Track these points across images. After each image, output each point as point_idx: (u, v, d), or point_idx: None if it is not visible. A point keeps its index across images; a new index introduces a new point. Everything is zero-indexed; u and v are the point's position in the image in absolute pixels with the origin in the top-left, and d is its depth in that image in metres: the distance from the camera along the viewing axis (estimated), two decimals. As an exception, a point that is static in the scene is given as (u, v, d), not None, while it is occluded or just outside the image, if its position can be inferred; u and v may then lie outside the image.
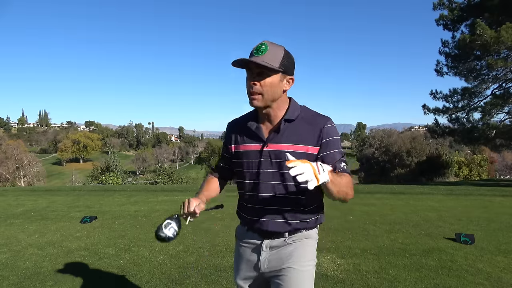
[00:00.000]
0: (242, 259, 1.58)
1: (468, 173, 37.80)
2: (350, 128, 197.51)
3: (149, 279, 3.25)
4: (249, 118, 1.53)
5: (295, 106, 1.48)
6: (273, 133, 1.45)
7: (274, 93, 1.39)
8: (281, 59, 1.36)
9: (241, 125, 1.54)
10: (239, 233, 1.62)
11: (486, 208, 7.04)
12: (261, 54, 1.34)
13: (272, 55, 1.35)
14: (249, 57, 1.36)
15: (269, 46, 1.35)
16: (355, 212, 6.32)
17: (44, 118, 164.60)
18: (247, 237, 1.55)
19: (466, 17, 17.31)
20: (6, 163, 42.58)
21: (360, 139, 64.14)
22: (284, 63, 1.37)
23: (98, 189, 11.96)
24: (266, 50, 1.34)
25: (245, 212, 1.55)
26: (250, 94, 1.39)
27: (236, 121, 1.61)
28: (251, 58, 1.34)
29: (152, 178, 49.11)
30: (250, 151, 1.48)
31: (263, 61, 1.32)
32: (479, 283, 3.09)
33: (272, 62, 1.34)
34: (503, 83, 16.97)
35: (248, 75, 1.40)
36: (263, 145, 1.45)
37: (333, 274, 3.32)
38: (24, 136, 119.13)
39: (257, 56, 1.34)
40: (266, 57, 1.33)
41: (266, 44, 1.36)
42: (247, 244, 1.56)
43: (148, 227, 5.37)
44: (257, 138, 1.47)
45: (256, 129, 1.48)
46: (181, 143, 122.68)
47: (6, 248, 4.33)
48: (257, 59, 1.33)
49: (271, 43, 1.37)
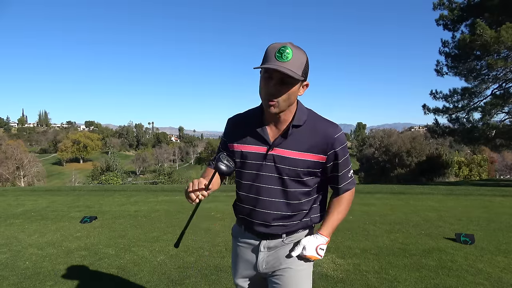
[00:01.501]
0: (240, 258, 1.57)
1: (468, 173, 37.79)
2: (350, 128, 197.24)
3: (149, 279, 3.25)
4: (253, 116, 1.47)
5: (302, 110, 1.42)
6: (280, 137, 1.40)
7: (291, 100, 1.34)
8: (304, 66, 1.30)
9: (244, 123, 1.49)
10: (236, 232, 1.61)
11: (486, 208, 7.04)
12: (285, 60, 1.25)
13: (296, 62, 1.27)
14: (269, 60, 1.27)
15: (294, 52, 1.26)
16: (355, 212, 6.32)
17: (44, 118, 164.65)
18: (244, 237, 1.55)
19: (466, 17, 17.31)
20: (6, 163, 42.57)
21: (360, 139, 64.20)
22: (305, 70, 1.32)
23: (98, 189, 11.94)
24: (291, 56, 1.26)
25: (243, 213, 1.53)
26: (267, 100, 1.32)
27: (238, 118, 1.55)
28: (275, 64, 1.25)
29: (152, 178, 49.09)
30: (253, 153, 1.43)
31: (289, 69, 1.24)
32: (479, 283, 3.09)
33: (297, 70, 1.27)
34: (503, 83, 16.96)
35: (266, 80, 1.30)
36: (268, 149, 1.41)
37: (333, 274, 3.32)
38: (24, 136, 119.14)
39: (281, 61, 1.25)
40: (291, 64, 1.26)
41: (290, 48, 1.26)
42: (244, 244, 1.55)
43: (148, 227, 5.37)
44: (262, 140, 1.42)
45: (261, 131, 1.42)
46: (181, 143, 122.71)
47: (6, 248, 4.33)
48: (282, 66, 1.24)
49: (295, 47, 1.28)
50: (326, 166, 1.42)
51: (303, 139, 1.38)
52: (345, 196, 1.50)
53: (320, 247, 1.46)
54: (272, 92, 1.30)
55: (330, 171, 1.44)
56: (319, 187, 1.49)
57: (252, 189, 1.46)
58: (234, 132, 1.51)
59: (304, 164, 1.38)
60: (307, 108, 1.45)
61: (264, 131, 1.42)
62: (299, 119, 1.39)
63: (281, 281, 1.46)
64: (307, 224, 1.50)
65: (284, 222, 1.45)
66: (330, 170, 1.43)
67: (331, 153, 1.39)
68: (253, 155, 1.43)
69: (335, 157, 1.40)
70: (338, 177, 1.45)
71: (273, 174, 1.41)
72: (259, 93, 1.36)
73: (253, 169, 1.44)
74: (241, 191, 1.51)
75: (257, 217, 1.46)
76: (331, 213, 1.51)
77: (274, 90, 1.29)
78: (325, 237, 1.48)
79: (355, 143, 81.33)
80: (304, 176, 1.40)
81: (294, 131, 1.39)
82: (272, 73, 1.28)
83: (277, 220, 1.45)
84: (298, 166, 1.38)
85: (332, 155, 1.39)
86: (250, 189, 1.46)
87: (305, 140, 1.38)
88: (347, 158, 1.44)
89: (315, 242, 1.46)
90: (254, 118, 1.46)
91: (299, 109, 1.41)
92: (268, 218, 1.44)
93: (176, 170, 58.40)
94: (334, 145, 1.38)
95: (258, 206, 1.45)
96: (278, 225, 1.45)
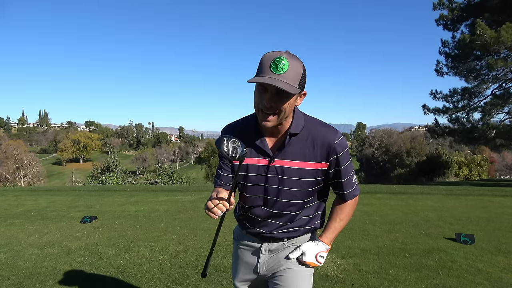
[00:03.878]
0: (241, 261, 1.57)
1: (468, 173, 37.77)
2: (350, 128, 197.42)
3: (149, 279, 3.25)
4: (249, 126, 1.40)
5: (299, 116, 1.36)
6: (279, 147, 1.36)
7: (287, 113, 1.28)
8: (301, 77, 1.23)
9: (241, 134, 1.36)
10: (238, 234, 1.61)
11: (486, 208, 7.04)
12: (280, 72, 1.18)
13: (292, 73, 1.20)
14: (263, 72, 1.20)
15: (289, 63, 1.19)
16: (355, 212, 6.27)
17: (44, 118, 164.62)
18: (246, 239, 1.55)
19: (466, 17, 17.33)
20: (6, 163, 42.64)
21: (360, 139, 64.20)
22: (302, 81, 1.25)
23: (98, 189, 11.94)
24: (287, 68, 1.19)
25: (247, 222, 1.52)
26: (263, 114, 1.25)
27: (234, 128, 1.45)
28: (270, 77, 1.18)
29: (152, 178, 49.15)
30: (255, 166, 1.39)
31: (285, 82, 1.18)
32: (479, 283, 3.09)
33: (293, 82, 1.20)
34: (503, 83, 16.98)
35: (261, 92, 1.24)
36: (270, 161, 1.37)
37: (333, 274, 3.32)
38: (24, 136, 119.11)
39: (276, 74, 1.18)
40: (287, 76, 1.19)
41: (286, 59, 1.19)
42: (245, 247, 1.55)
43: (148, 227, 5.37)
44: (263, 152, 1.38)
45: (261, 143, 1.37)
46: (181, 143, 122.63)
47: (6, 248, 4.33)
48: (277, 78, 1.18)
49: (290, 58, 1.21)
50: (328, 172, 1.39)
51: (303, 148, 1.34)
52: (349, 203, 1.48)
53: (320, 254, 1.46)
54: (267, 105, 1.23)
55: (333, 177, 1.41)
56: (322, 194, 1.48)
57: (258, 201, 1.43)
58: None
59: (307, 173, 1.36)
60: (303, 113, 1.40)
61: (263, 143, 1.37)
62: (297, 127, 1.34)
63: (281, 282, 1.46)
64: (309, 229, 1.50)
65: (287, 229, 1.46)
66: (333, 176, 1.40)
67: (333, 159, 1.35)
68: (255, 168, 1.39)
69: (337, 163, 1.36)
70: (342, 183, 1.42)
71: (277, 186, 1.38)
72: (253, 104, 1.30)
73: (256, 182, 1.40)
74: (246, 203, 1.48)
75: (263, 227, 1.47)
76: (333, 220, 1.49)
77: (269, 103, 1.22)
78: (326, 245, 1.47)
79: (355, 143, 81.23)
80: (307, 185, 1.38)
81: (293, 139, 1.34)
82: (267, 85, 1.21)
83: (281, 227, 1.46)
84: (302, 176, 1.36)
85: (334, 161, 1.36)
86: (257, 201, 1.44)
87: (306, 148, 1.34)
88: (350, 164, 1.40)
89: (316, 249, 1.46)
90: (250, 128, 1.39)
91: (296, 116, 1.35)
92: (272, 227, 1.46)
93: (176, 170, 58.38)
94: (336, 151, 1.34)
95: (265, 217, 1.45)
96: (281, 232, 1.46)
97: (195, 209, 6.94)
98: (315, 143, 1.34)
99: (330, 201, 1.50)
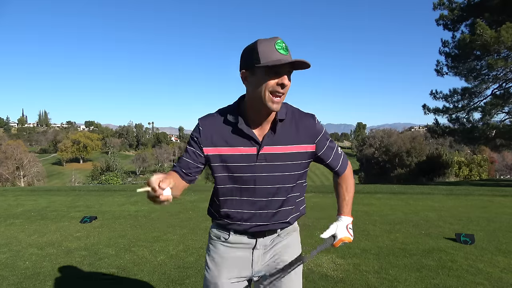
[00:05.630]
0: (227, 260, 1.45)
1: (468, 173, 37.78)
2: (350, 128, 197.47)
3: (149, 279, 3.24)
4: (231, 115, 1.34)
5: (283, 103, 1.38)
6: (268, 134, 1.33)
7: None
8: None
9: (222, 123, 1.35)
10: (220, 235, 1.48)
11: (486, 208, 7.04)
12: (288, 52, 1.22)
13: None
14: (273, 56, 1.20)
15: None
16: (355, 212, 6.28)
17: (44, 118, 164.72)
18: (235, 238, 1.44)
19: (466, 17, 17.33)
20: (6, 163, 42.59)
21: (360, 139, 64.04)
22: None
23: (98, 189, 11.93)
24: (288, 48, 1.23)
25: (236, 218, 1.40)
26: (274, 97, 1.24)
27: (213, 119, 1.38)
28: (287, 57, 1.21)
29: (152, 178, 48.94)
30: (242, 155, 1.33)
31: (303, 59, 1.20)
32: (479, 283, 3.09)
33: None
34: (503, 83, 16.98)
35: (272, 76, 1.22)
36: (258, 148, 1.32)
37: (333, 274, 3.32)
38: (24, 136, 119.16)
39: (287, 55, 1.21)
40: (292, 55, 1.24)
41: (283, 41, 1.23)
42: (233, 245, 1.45)
43: (148, 227, 5.37)
44: (250, 140, 1.32)
45: (247, 131, 1.32)
46: (181, 143, 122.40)
47: (6, 248, 4.33)
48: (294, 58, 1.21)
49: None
50: (317, 153, 1.41)
51: (289, 132, 1.35)
52: (347, 174, 1.53)
53: (349, 226, 1.52)
54: (279, 88, 1.23)
55: (324, 158, 1.44)
56: (305, 175, 1.48)
57: (248, 192, 1.37)
58: (212, 134, 1.35)
59: (297, 156, 1.36)
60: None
61: (249, 130, 1.32)
62: (282, 113, 1.34)
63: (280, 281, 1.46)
64: (299, 216, 1.51)
65: (280, 220, 1.42)
66: (323, 157, 1.44)
67: (318, 140, 1.39)
68: (242, 157, 1.33)
69: (323, 143, 1.41)
70: (333, 160, 1.46)
71: (267, 173, 1.34)
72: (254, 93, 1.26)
73: (247, 172, 1.34)
74: (233, 196, 1.39)
75: (256, 220, 1.39)
76: (342, 194, 1.54)
77: (282, 85, 1.23)
78: (349, 217, 1.53)
79: (355, 143, 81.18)
80: (297, 168, 1.38)
81: (280, 125, 1.34)
82: (280, 67, 1.20)
83: (276, 216, 1.41)
84: (292, 160, 1.36)
85: (319, 142, 1.40)
86: (246, 192, 1.37)
87: (291, 132, 1.36)
88: (331, 140, 1.45)
89: (343, 224, 1.51)
90: (233, 117, 1.34)
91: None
92: (267, 218, 1.40)
93: (176, 170, 58.20)
94: (319, 132, 1.39)
95: (256, 208, 1.38)
96: (277, 222, 1.42)
97: (195, 209, 6.94)
98: (298, 127, 1.37)
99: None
